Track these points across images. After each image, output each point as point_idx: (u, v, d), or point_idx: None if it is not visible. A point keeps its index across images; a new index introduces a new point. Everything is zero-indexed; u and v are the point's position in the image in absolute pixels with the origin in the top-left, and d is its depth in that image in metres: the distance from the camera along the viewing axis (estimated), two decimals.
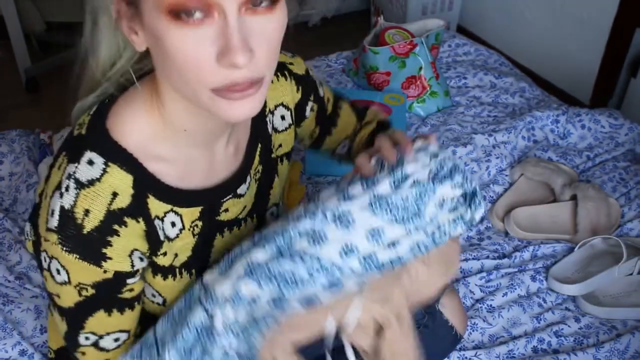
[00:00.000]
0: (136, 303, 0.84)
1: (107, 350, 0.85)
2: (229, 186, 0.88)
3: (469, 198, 0.80)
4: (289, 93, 0.99)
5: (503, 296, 1.36)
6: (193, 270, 0.89)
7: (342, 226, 0.78)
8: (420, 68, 1.89)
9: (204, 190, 0.85)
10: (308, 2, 3.10)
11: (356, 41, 2.08)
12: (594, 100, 2.39)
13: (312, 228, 0.78)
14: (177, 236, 0.84)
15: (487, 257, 1.45)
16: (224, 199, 0.88)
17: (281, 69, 0.97)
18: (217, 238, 0.90)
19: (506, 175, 1.66)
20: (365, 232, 0.77)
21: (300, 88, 1.00)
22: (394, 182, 0.79)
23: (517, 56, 2.60)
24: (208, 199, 0.86)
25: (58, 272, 0.76)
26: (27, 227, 0.84)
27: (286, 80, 0.98)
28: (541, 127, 1.80)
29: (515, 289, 1.38)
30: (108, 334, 0.83)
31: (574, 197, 1.54)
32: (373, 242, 0.77)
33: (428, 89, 1.90)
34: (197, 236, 0.86)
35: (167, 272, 0.85)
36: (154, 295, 0.88)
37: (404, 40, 1.91)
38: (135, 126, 0.78)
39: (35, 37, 2.75)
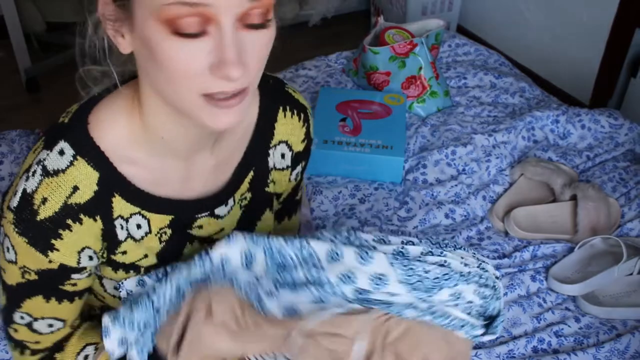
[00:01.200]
0: (77, 298, 0.85)
1: (40, 334, 0.86)
2: (205, 203, 0.88)
3: (487, 316, 0.80)
4: (296, 136, 0.96)
5: (503, 296, 1.36)
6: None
7: (356, 260, 0.77)
8: (420, 68, 1.89)
9: (177, 200, 0.85)
10: (308, 2, 3.10)
11: (356, 41, 2.08)
12: (594, 100, 2.39)
13: (332, 249, 0.78)
14: (142, 238, 0.84)
15: (487, 257, 1.45)
16: (199, 215, 0.88)
17: (298, 108, 0.95)
18: (187, 247, 0.90)
19: (506, 175, 1.66)
20: (370, 275, 0.76)
21: (304, 143, 0.98)
22: (426, 253, 0.78)
23: (517, 56, 2.60)
24: (180, 210, 0.86)
25: (8, 249, 0.78)
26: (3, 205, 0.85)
27: (299, 122, 0.95)
28: (541, 127, 1.80)
29: (515, 288, 1.38)
30: (43, 318, 0.84)
31: (574, 197, 1.54)
32: (374, 284, 0.76)
33: (428, 89, 1.90)
34: (164, 243, 0.86)
35: (128, 268, 0.86)
36: (116, 289, 0.88)
37: (404, 40, 1.91)
38: (114, 126, 0.79)
39: (35, 37, 2.74)
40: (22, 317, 0.84)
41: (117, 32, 0.71)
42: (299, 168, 1.00)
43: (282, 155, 0.96)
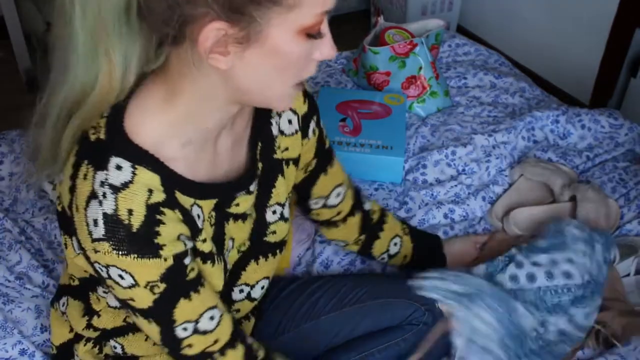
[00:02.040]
0: (202, 279, 0.86)
1: (210, 331, 0.86)
2: (243, 182, 0.91)
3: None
4: (297, 100, 1.02)
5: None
6: (221, 257, 0.91)
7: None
8: (420, 68, 1.89)
9: (220, 183, 0.88)
10: None
11: (356, 41, 2.08)
12: (594, 100, 2.39)
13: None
14: (202, 227, 0.86)
15: None
16: (238, 194, 0.91)
17: None
18: (225, 227, 0.92)
19: (506, 176, 1.66)
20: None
21: (307, 101, 1.04)
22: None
23: (517, 56, 2.60)
24: (224, 192, 0.89)
25: (121, 277, 0.78)
26: (74, 242, 0.84)
27: None
28: (541, 127, 1.80)
29: None
30: (200, 315, 0.85)
31: (573, 198, 1.54)
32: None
33: (428, 89, 1.90)
34: (213, 226, 0.89)
35: (206, 257, 0.88)
36: None
37: (404, 40, 1.91)
38: (153, 125, 0.80)
39: (35, 37, 2.75)
40: (185, 329, 0.84)
41: (221, 52, 0.74)
42: (312, 124, 1.06)
43: (289, 121, 1.01)
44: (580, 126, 1.80)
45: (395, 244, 1.28)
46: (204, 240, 0.86)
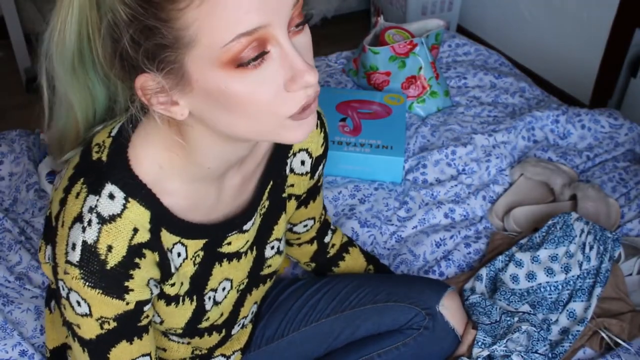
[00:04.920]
0: (149, 326, 0.85)
1: None
2: (235, 221, 0.89)
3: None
4: (315, 142, 0.99)
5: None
6: (194, 297, 0.89)
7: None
8: (420, 68, 1.89)
9: (210, 224, 0.85)
10: (308, 2, 3.10)
11: (356, 41, 2.08)
12: (594, 100, 2.39)
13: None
14: (181, 265, 0.85)
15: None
16: (229, 234, 0.89)
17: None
18: (215, 267, 0.90)
19: (506, 175, 1.66)
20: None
21: (324, 146, 1.01)
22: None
23: (517, 56, 2.60)
24: (213, 233, 0.86)
25: (79, 304, 0.76)
26: (48, 251, 0.83)
27: (316, 128, 0.98)
28: (541, 127, 1.80)
29: None
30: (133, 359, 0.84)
31: (573, 197, 1.54)
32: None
33: (428, 89, 1.90)
34: (197, 265, 0.87)
35: (171, 300, 0.86)
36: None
37: (404, 40, 1.91)
38: (153, 160, 0.77)
39: (35, 37, 2.74)
40: None
41: (167, 103, 0.69)
42: (321, 167, 1.04)
43: (302, 162, 0.98)
44: (580, 126, 1.80)
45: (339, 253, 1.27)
46: (173, 285, 0.84)
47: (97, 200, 0.74)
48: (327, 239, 1.22)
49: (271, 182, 0.94)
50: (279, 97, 0.67)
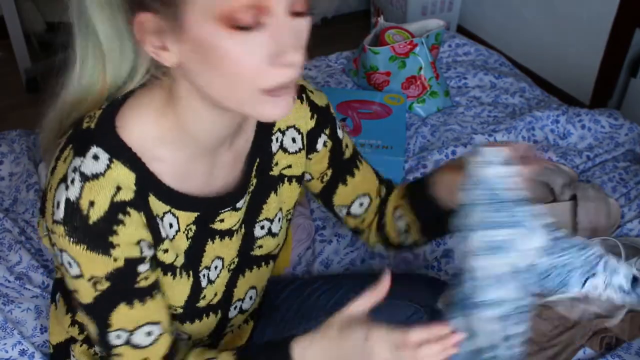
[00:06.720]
0: (155, 292, 0.84)
1: (143, 347, 0.84)
2: (228, 198, 0.89)
3: None
4: (302, 118, 0.98)
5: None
6: (190, 272, 0.89)
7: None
8: (420, 68, 1.89)
9: (203, 197, 0.86)
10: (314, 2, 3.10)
11: (356, 41, 2.08)
12: (594, 100, 2.39)
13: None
14: (174, 237, 0.85)
15: None
16: (222, 210, 0.89)
17: (300, 93, 0.97)
18: (208, 244, 0.91)
19: None
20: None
21: (315, 117, 1.00)
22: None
23: (517, 56, 2.60)
24: (206, 207, 0.87)
25: (70, 264, 0.78)
26: (46, 223, 0.84)
27: (302, 104, 0.98)
28: (541, 127, 1.80)
29: None
30: (138, 327, 0.83)
31: (573, 197, 1.54)
32: None
33: (428, 89, 1.90)
34: (190, 240, 0.87)
35: (167, 269, 0.86)
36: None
37: (404, 40, 1.91)
38: (142, 126, 0.79)
39: (35, 37, 2.74)
40: (118, 337, 0.83)
41: (159, 47, 0.72)
42: (322, 137, 1.01)
43: (293, 140, 0.98)
44: (580, 126, 1.80)
45: (400, 217, 1.12)
46: (166, 251, 0.85)
47: (82, 160, 0.76)
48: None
49: (258, 160, 0.94)
50: (261, 68, 0.69)
